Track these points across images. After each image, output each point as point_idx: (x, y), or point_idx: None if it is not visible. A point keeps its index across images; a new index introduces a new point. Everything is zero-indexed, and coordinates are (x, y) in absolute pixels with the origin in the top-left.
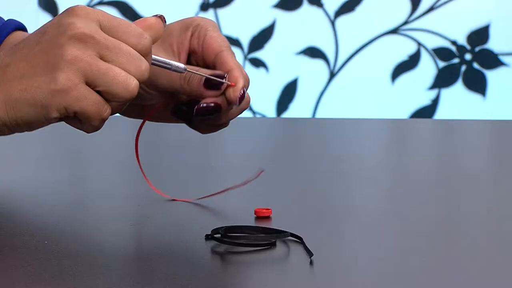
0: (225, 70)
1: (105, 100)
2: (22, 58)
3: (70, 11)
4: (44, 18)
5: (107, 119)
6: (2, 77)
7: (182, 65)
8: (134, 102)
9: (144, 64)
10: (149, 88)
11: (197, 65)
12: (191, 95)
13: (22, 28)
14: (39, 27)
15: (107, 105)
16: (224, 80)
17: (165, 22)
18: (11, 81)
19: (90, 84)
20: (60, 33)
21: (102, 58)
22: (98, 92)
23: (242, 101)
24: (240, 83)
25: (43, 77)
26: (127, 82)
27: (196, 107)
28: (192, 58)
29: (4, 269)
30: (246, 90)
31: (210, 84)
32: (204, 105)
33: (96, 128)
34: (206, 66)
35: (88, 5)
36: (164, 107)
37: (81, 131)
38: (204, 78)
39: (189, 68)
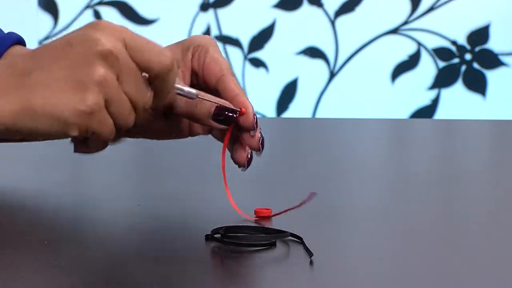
0: (229, 96)
1: None
2: (45, 67)
3: (95, 25)
4: (44, 18)
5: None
6: (20, 83)
7: (194, 91)
8: (139, 127)
9: (149, 94)
10: (153, 111)
11: (198, 86)
12: (196, 122)
13: (21, 42)
14: (39, 27)
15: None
16: (234, 115)
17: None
18: (33, 91)
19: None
20: (86, 49)
21: (118, 79)
22: None
23: (257, 125)
24: (250, 107)
25: (70, 95)
26: (130, 114)
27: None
28: (193, 78)
29: (4, 269)
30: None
31: (219, 116)
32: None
33: (99, 150)
34: (207, 88)
35: (88, 5)
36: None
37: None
38: (213, 109)
39: (201, 95)
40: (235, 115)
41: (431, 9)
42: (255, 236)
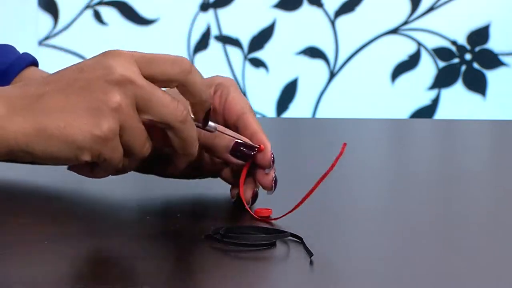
0: (248, 133)
1: None
2: (59, 91)
3: (107, 53)
4: (44, 18)
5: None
6: (34, 105)
7: (213, 124)
8: (157, 159)
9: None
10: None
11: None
12: (213, 155)
13: (35, 63)
14: (39, 27)
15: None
16: (251, 151)
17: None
18: (47, 114)
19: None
20: (100, 75)
21: (136, 105)
22: None
23: (273, 164)
24: (268, 146)
25: (85, 120)
26: (145, 143)
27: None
28: (212, 115)
29: (4, 269)
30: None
31: (237, 152)
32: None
33: (104, 176)
34: (226, 126)
35: (88, 5)
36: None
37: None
38: (231, 144)
39: (220, 128)
40: (253, 152)
41: (431, 9)
42: (255, 236)
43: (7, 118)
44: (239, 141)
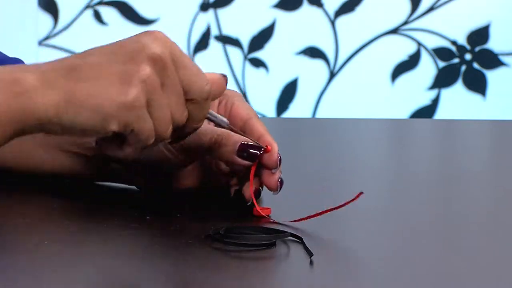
0: (255, 136)
1: None
2: (94, 63)
3: (150, 33)
4: (44, 18)
5: (144, 149)
6: (66, 77)
7: (226, 120)
8: (163, 167)
9: (185, 114)
10: (175, 148)
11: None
12: (220, 159)
13: None
14: (39, 27)
15: (154, 136)
16: (258, 151)
17: (227, 82)
18: (78, 83)
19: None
20: (137, 49)
21: (164, 84)
22: None
23: (280, 165)
24: (275, 147)
25: (114, 88)
26: (169, 124)
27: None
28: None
29: (4, 269)
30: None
31: (244, 153)
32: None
33: (134, 155)
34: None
35: (88, 5)
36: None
37: None
38: (238, 146)
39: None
40: (259, 152)
41: (431, 9)
42: (255, 236)
43: (38, 91)
44: (245, 142)
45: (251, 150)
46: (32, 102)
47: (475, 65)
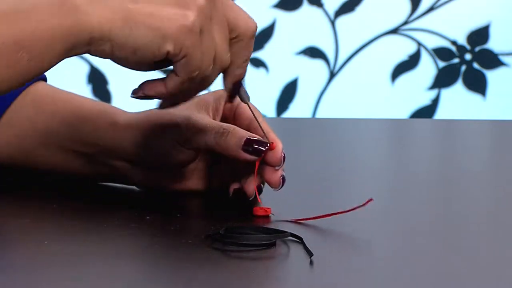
0: (260, 134)
1: None
2: None
3: None
4: None
5: (190, 81)
6: None
7: (249, 95)
8: (167, 164)
9: (229, 55)
10: (183, 145)
11: None
12: (225, 153)
13: (44, 79)
14: None
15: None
16: (264, 147)
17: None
18: (136, 3)
19: None
20: None
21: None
22: None
23: (284, 162)
24: (280, 145)
25: (174, 10)
26: (211, 60)
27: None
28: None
29: (4, 269)
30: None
31: (249, 148)
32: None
33: (174, 90)
34: None
35: None
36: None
37: None
38: (243, 140)
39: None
40: (265, 147)
41: (431, 9)
42: (255, 236)
43: (90, 7)
44: (250, 137)
45: (256, 146)
46: (84, 16)
47: (475, 65)
